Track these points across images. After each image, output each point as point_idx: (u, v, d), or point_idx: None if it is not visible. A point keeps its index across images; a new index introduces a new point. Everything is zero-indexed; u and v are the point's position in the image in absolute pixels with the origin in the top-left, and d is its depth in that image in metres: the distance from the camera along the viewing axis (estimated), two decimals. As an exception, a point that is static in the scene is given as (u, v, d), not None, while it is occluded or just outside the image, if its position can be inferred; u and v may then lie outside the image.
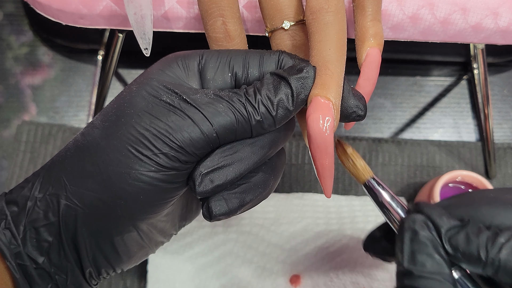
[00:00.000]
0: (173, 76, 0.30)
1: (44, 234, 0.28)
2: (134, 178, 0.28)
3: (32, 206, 0.28)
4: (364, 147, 0.61)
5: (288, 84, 0.29)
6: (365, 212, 0.56)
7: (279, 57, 0.31)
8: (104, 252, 0.30)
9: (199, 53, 0.31)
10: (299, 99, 0.29)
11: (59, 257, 0.29)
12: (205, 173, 0.28)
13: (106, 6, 0.41)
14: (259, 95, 0.29)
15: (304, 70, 0.29)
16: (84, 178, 0.28)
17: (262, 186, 0.31)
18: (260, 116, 0.29)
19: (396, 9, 0.41)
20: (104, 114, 0.29)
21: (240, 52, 0.31)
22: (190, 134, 0.28)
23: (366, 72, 0.34)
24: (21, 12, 0.68)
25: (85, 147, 0.29)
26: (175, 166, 0.28)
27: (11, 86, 0.64)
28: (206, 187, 0.28)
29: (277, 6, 0.33)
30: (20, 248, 0.28)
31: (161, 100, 0.28)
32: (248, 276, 0.53)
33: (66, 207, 0.28)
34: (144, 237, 0.31)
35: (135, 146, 0.28)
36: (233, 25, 0.34)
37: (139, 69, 0.65)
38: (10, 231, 0.28)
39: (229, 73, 0.31)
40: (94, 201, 0.28)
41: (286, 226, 0.55)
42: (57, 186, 0.28)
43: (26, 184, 0.29)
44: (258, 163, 0.30)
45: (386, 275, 0.52)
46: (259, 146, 0.30)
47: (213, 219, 0.29)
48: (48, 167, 0.30)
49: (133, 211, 0.29)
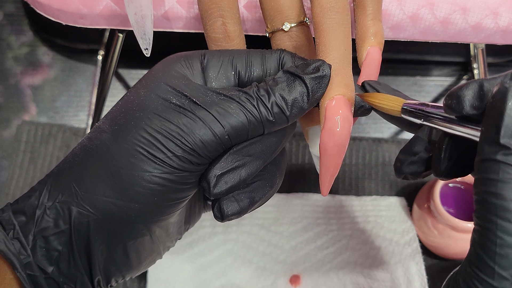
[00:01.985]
0: (179, 76, 0.29)
1: (54, 243, 0.28)
2: (147, 181, 0.27)
3: (41, 214, 0.28)
4: (364, 147, 0.61)
5: (303, 83, 0.29)
6: (364, 213, 0.56)
7: (280, 55, 0.31)
8: (116, 259, 0.29)
9: (201, 53, 0.31)
10: (314, 98, 0.29)
11: (68, 266, 0.28)
12: (219, 174, 0.28)
13: (106, 6, 0.41)
14: (273, 95, 0.28)
15: (321, 69, 0.29)
16: (96, 183, 0.28)
17: (270, 184, 0.31)
18: (274, 116, 0.28)
19: (396, 9, 0.41)
20: (111, 118, 0.29)
21: (242, 51, 0.31)
22: (202, 136, 0.28)
23: (367, 71, 0.34)
24: (21, 12, 0.68)
25: (94, 152, 0.28)
26: (188, 168, 0.28)
27: (11, 86, 0.64)
28: (221, 188, 0.28)
29: (278, 8, 0.33)
30: (30, 258, 0.27)
31: (171, 102, 0.28)
32: (248, 276, 0.53)
33: (78, 214, 0.28)
34: (156, 241, 0.31)
35: (147, 149, 0.27)
36: (233, 25, 0.34)
37: (139, 69, 0.65)
38: (19, 241, 0.28)
39: (232, 71, 0.31)
40: (107, 206, 0.28)
41: (286, 226, 0.55)
42: (67, 193, 0.28)
43: (33, 193, 0.29)
44: (267, 162, 0.30)
45: (387, 275, 0.52)
46: (268, 144, 0.30)
47: (225, 219, 0.29)
48: (55, 174, 0.29)
49: (147, 214, 0.28)
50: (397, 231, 0.54)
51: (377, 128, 0.64)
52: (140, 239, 0.29)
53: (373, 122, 0.64)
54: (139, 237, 0.29)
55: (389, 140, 0.61)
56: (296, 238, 0.54)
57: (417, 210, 0.54)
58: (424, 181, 0.59)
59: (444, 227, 0.50)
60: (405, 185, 0.59)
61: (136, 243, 0.29)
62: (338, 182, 0.59)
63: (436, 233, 0.52)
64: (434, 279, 0.53)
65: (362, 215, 0.56)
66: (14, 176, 0.58)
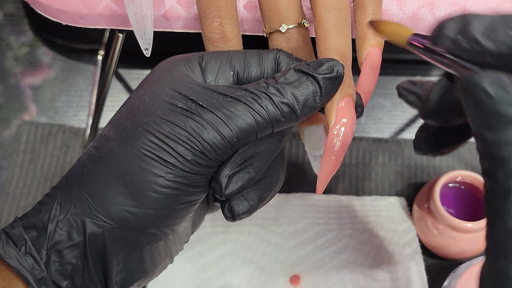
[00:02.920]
0: (183, 80, 0.29)
1: (68, 256, 0.27)
2: (161, 185, 0.27)
3: (53, 228, 0.27)
4: (364, 147, 0.61)
5: (317, 83, 0.29)
6: (365, 213, 0.56)
7: (276, 55, 0.31)
8: (132, 267, 0.29)
9: (198, 54, 0.31)
10: (327, 98, 0.29)
11: (83, 280, 0.28)
12: (230, 175, 0.28)
13: (106, 6, 0.41)
14: (284, 94, 0.28)
15: (335, 69, 0.29)
16: (108, 192, 0.27)
17: (275, 181, 0.31)
18: (283, 116, 0.28)
19: (396, 9, 0.41)
20: (117, 125, 0.29)
21: (239, 52, 0.31)
22: (211, 140, 0.27)
23: (367, 72, 0.34)
24: (21, 12, 0.68)
25: (103, 160, 0.28)
26: (200, 171, 0.28)
27: (11, 86, 0.64)
28: (233, 188, 0.29)
29: (276, 9, 0.33)
30: (44, 273, 0.27)
31: (177, 107, 0.28)
32: (247, 276, 0.53)
33: (92, 225, 0.27)
34: (170, 245, 0.31)
35: (157, 154, 0.27)
36: (230, 26, 0.34)
37: (139, 69, 0.65)
38: (32, 256, 0.27)
39: (231, 72, 0.31)
40: (122, 214, 0.27)
41: (286, 226, 0.55)
42: (80, 204, 0.27)
43: (42, 207, 0.28)
44: (272, 159, 0.30)
45: (387, 275, 0.52)
46: (273, 141, 0.30)
47: (236, 218, 0.29)
48: (64, 186, 0.29)
49: (162, 218, 0.28)
50: (397, 231, 0.54)
51: (377, 128, 0.64)
52: (155, 244, 0.29)
53: (373, 122, 0.64)
54: (154, 242, 0.29)
55: (389, 140, 0.61)
56: (296, 238, 0.54)
57: (417, 210, 0.54)
58: (424, 181, 0.59)
59: (444, 227, 0.50)
60: (405, 185, 0.59)
61: (151, 248, 0.29)
62: (338, 182, 0.59)
63: (436, 233, 0.52)
64: (434, 279, 0.53)
65: (362, 215, 0.56)
66: (14, 176, 0.58)
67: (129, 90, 0.64)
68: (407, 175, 0.60)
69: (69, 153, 0.59)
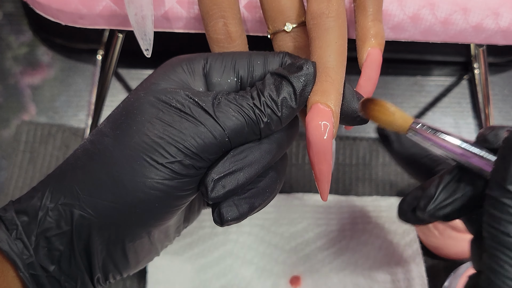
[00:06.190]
0: (178, 81, 0.30)
1: (55, 243, 0.28)
2: (149, 187, 0.28)
3: (43, 216, 0.28)
4: (364, 147, 0.61)
5: (289, 83, 0.29)
6: (365, 213, 0.56)
7: (282, 59, 0.31)
8: (115, 259, 0.30)
9: (203, 56, 0.31)
10: (302, 97, 0.29)
11: (69, 265, 0.29)
12: (217, 179, 0.29)
13: (105, 6, 0.41)
14: (262, 97, 0.29)
15: (304, 67, 0.29)
16: (98, 187, 0.28)
17: (270, 190, 0.31)
18: (267, 117, 0.29)
19: (396, 9, 0.41)
20: (113, 122, 0.29)
21: (244, 55, 0.31)
22: (204, 140, 0.28)
23: (367, 72, 0.34)
24: (20, 12, 0.67)
25: (96, 156, 0.29)
26: (190, 173, 0.28)
27: (10, 86, 0.64)
28: (218, 192, 0.29)
29: (279, 8, 0.33)
30: (32, 258, 0.28)
31: (171, 106, 0.28)
32: (248, 277, 0.53)
33: (80, 217, 0.28)
34: (154, 242, 0.31)
35: (150, 155, 0.28)
36: (234, 26, 0.34)
37: (139, 69, 0.64)
38: (22, 241, 0.28)
39: (235, 76, 0.31)
40: (108, 210, 0.28)
41: (286, 227, 0.55)
42: (70, 195, 0.28)
43: (35, 194, 0.29)
44: (266, 167, 0.30)
45: (387, 277, 0.52)
46: (267, 149, 0.30)
47: (224, 224, 0.29)
48: (57, 176, 0.29)
49: (147, 219, 0.29)
50: (398, 232, 0.54)
51: (377, 128, 0.64)
52: (139, 241, 0.30)
53: (373, 122, 0.64)
54: (138, 239, 0.30)
55: (389, 140, 0.61)
56: (296, 239, 0.54)
57: (418, 210, 0.54)
58: (425, 181, 0.59)
59: (445, 228, 0.50)
60: (406, 186, 0.59)
61: (134, 244, 0.30)
62: (338, 182, 0.59)
63: (437, 234, 0.51)
64: (435, 279, 0.53)
65: (362, 215, 0.56)
66: (13, 176, 0.58)
67: (128, 90, 0.63)
68: (407, 175, 0.60)
69: (69, 153, 0.59)
